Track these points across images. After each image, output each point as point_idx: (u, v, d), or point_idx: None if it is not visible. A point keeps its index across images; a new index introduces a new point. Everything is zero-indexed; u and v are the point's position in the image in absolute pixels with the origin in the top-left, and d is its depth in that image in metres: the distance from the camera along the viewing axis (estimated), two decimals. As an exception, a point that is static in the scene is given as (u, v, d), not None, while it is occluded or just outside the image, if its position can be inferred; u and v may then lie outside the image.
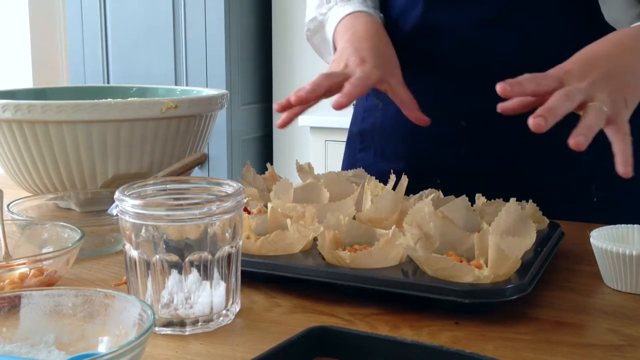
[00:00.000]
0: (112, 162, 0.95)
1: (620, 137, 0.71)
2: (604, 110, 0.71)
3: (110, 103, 0.93)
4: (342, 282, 0.69)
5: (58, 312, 0.57)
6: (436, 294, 0.65)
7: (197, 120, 0.99)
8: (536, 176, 0.85)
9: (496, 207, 0.83)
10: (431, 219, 0.72)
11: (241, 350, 0.60)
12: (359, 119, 1.13)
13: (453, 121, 0.99)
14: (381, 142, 1.08)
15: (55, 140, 0.93)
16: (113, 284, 0.75)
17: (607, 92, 0.73)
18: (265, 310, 0.69)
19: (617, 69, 0.77)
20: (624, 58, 0.79)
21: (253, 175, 1.01)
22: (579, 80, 0.74)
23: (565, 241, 0.86)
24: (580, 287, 0.74)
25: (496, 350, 0.60)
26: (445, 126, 0.99)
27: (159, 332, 0.63)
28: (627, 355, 0.59)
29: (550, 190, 0.87)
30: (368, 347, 0.57)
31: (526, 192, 0.86)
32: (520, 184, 0.84)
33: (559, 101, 0.70)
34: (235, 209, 0.64)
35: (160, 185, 0.68)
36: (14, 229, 0.82)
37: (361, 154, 1.12)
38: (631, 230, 0.77)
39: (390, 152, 1.07)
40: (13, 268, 0.70)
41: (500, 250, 0.65)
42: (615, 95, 0.74)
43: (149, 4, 2.85)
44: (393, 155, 1.06)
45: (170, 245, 0.62)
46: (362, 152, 1.12)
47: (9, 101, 0.92)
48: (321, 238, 0.73)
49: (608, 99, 0.73)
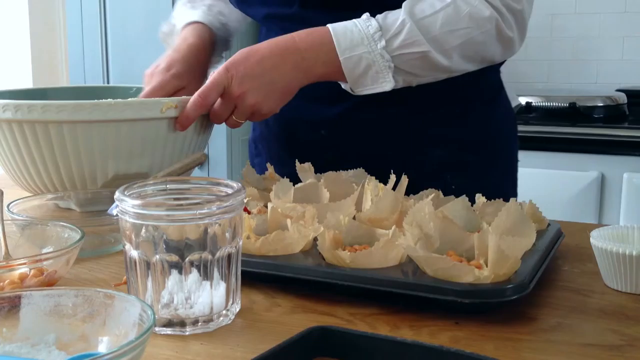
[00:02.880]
0: (112, 162, 0.95)
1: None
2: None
3: (110, 103, 0.93)
4: (342, 282, 0.69)
5: (58, 312, 0.57)
6: (436, 294, 0.65)
7: (197, 121, 0.99)
8: (396, 171, 0.92)
9: (496, 207, 0.83)
10: (431, 219, 0.72)
11: (241, 350, 0.60)
12: (252, 128, 1.26)
13: (315, 130, 1.10)
14: (269, 148, 1.20)
15: (55, 140, 0.92)
16: (113, 284, 0.74)
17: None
18: (265, 310, 0.69)
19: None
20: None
21: (253, 175, 1.01)
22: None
23: (565, 241, 0.86)
24: (580, 287, 0.74)
25: (496, 350, 0.60)
26: (310, 134, 1.11)
27: (159, 332, 0.63)
28: (627, 355, 0.59)
29: (410, 183, 0.92)
30: (368, 347, 0.57)
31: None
32: (385, 180, 0.91)
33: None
34: (235, 209, 0.64)
35: (160, 185, 0.68)
36: (14, 229, 0.82)
37: (257, 159, 1.23)
38: (631, 231, 0.77)
39: (277, 158, 1.16)
40: (13, 268, 0.70)
41: (500, 250, 0.65)
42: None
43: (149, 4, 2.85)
44: (279, 160, 1.14)
45: (170, 245, 0.62)
46: (258, 157, 1.23)
47: (9, 101, 0.92)
48: (321, 238, 0.73)
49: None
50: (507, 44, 0.99)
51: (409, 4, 0.94)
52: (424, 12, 0.94)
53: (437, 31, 0.94)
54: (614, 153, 2.20)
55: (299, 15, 1.04)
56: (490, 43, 0.97)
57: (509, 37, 0.98)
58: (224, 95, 0.94)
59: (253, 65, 0.93)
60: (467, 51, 0.96)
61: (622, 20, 2.65)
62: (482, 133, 1.11)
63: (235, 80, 0.93)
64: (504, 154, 1.16)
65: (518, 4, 0.97)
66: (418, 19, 0.93)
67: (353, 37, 0.93)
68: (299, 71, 0.95)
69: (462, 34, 0.94)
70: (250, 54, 0.94)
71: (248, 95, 0.94)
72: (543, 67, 2.75)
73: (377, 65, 0.94)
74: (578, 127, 2.25)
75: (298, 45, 0.95)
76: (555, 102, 2.35)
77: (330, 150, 1.10)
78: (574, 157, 2.24)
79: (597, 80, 2.70)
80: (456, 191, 0.89)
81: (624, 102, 2.39)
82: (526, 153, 1.36)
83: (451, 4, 0.94)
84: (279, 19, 1.07)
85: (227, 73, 0.93)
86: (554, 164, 2.25)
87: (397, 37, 0.93)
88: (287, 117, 1.13)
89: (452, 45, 0.95)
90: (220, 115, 0.96)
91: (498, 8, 0.95)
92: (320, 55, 0.95)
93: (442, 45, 0.94)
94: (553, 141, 2.26)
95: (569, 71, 2.73)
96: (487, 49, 0.98)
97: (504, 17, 0.96)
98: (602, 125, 2.25)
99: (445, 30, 0.94)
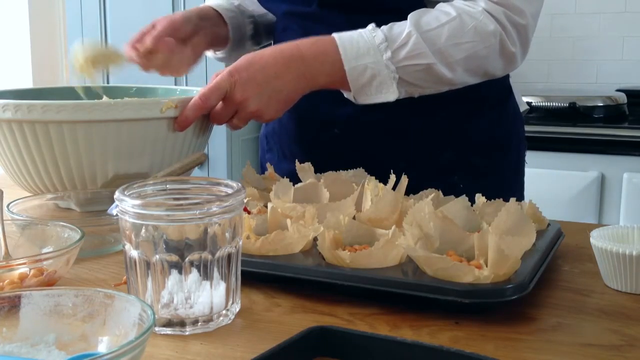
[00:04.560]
0: (112, 162, 0.95)
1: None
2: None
3: (110, 103, 0.93)
4: (342, 282, 0.69)
5: (58, 312, 0.57)
6: (436, 294, 0.65)
7: (197, 120, 0.99)
8: (405, 171, 0.92)
9: (496, 207, 0.83)
10: (431, 219, 0.72)
11: (241, 350, 0.60)
12: (264, 124, 1.26)
13: (327, 129, 1.11)
14: (281, 144, 1.20)
15: (55, 140, 0.92)
16: (113, 284, 0.74)
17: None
18: (265, 310, 0.68)
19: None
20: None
21: (253, 175, 1.01)
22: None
23: (565, 241, 0.86)
24: (580, 287, 0.74)
25: (496, 350, 0.60)
26: (323, 133, 1.12)
27: (159, 332, 0.63)
28: (627, 355, 0.59)
29: (416, 183, 0.93)
30: (368, 347, 0.57)
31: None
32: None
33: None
34: (235, 209, 0.64)
35: (160, 185, 0.68)
36: (14, 229, 0.82)
37: (268, 155, 1.23)
38: (631, 230, 0.77)
39: (289, 153, 1.17)
40: (13, 268, 0.70)
41: (500, 250, 0.65)
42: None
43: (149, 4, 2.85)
44: (291, 155, 1.14)
45: (170, 245, 0.62)
46: (269, 152, 1.24)
47: (9, 101, 0.92)
48: (321, 238, 0.73)
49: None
50: (509, 58, 0.99)
51: (415, 16, 0.95)
52: (429, 24, 0.94)
53: (442, 44, 0.94)
54: (614, 153, 2.20)
55: (317, 14, 1.05)
56: (493, 58, 0.98)
57: (511, 52, 0.98)
58: (226, 99, 0.95)
59: (256, 71, 0.94)
60: (470, 65, 0.97)
61: (622, 20, 2.65)
62: (490, 136, 1.11)
63: (239, 86, 0.93)
64: (511, 157, 1.16)
65: (522, 19, 0.97)
66: (424, 31, 0.94)
67: (359, 47, 0.94)
68: (302, 80, 0.96)
69: (466, 47, 0.95)
70: (255, 60, 0.94)
71: (250, 102, 0.94)
72: (543, 67, 2.75)
73: (382, 76, 0.94)
74: (578, 127, 2.26)
75: (303, 54, 0.95)
76: (555, 102, 2.35)
77: (341, 149, 1.10)
78: (574, 157, 2.24)
79: (597, 80, 2.70)
80: (464, 193, 0.90)
81: (624, 102, 2.39)
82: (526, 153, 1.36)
83: (457, 17, 0.95)
84: (298, 17, 1.08)
85: (231, 78, 0.93)
86: (554, 164, 2.25)
87: (403, 48, 0.94)
88: (300, 115, 1.13)
89: (457, 58, 0.95)
90: (221, 118, 0.97)
91: (502, 23, 0.96)
92: (325, 65, 0.95)
93: (447, 58, 0.95)
94: (553, 141, 2.26)
95: (569, 71, 2.73)
96: (489, 63, 0.99)
97: (507, 32, 0.97)
98: (602, 125, 2.25)
99: (450, 44, 0.94)
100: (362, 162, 1.00)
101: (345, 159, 1.02)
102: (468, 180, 1.08)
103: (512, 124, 1.16)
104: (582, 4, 2.69)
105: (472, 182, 1.07)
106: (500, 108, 1.13)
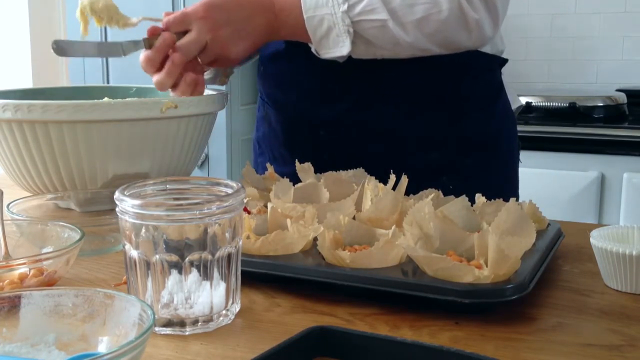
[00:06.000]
0: (112, 162, 0.95)
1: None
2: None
3: (110, 103, 0.93)
4: (342, 282, 0.69)
5: (58, 312, 0.57)
6: (436, 294, 0.65)
7: (197, 120, 0.99)
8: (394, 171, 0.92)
9: (496, 207, 0.83)
10: (431, 219, 0.72)
11: (241, 350, 0.60)
12: (255, 128, 1.29)
13: (314, 131, 1.12)
14: (272, 148, 1.22)
15: (55, 140, 0.93)
16: (113, 284, 0.75)
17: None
18: (265, 310, 0.68)
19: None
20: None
21: (253, 175, 1.01)
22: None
23: (565, 241, 0.86)
24: (580, 287, 0.74)
25: (496, 350, 0.60)
26: (310, 135, 1.13)
27: (159, 332, 0.63)
28: (627, 355, 0.59)
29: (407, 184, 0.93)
30: (368, 347, 0.57)
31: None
32: (383, 181, 0.91)
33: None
34: (235, 209, 0.64)
35: (160, 185, 0.68)
36: (14, 229, 0.82)
37: (260, 158, 1.25)
38: (631, 230, 0.77)
39: (279, 157, 1.20)
40: (13, 268, 0.70)
41: (500, 250, 0.65)
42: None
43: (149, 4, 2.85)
44: (282, 159, 1.18)
45: (170, 245, 0.62)
46: (261, 156, 1.25)
47: (9, 101, 0.92)
48: (321, 238, 0.73)
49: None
50: (474, 26, 0.99)
51: None
52: None
53: (397, 3, 0.96)
54: (614, 153, 2.20)
55: None
56: (454, 24, 0.98)
57: (474, 19, 0.98)
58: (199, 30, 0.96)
59: (232, 9, 0.96)
60: (426, 28, 0.98)
61: (622, 20, 2.65)
62: (480, 134, 1.11)
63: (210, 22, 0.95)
64: (503, 156, 1.16)
65: None
66: None
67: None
68: (269, 28, 0.99)
69: (420, 9, 0.97)
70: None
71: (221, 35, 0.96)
72: (543, 67, 2.75)
73: (338, 28, 0.97)
74: (578, 127, 2.26)
75: (274, 5, 0.99)
76: (555, 102, 2.35)
77: (329, 151, 1.11)
78: (574, 157, 2.24)
79: (597, 80, 2.71)
80: (453, 193, 0.90)
81: (624, 102, 2.39)
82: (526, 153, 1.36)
83: None
84: None
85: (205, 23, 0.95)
86: (554, 164, 2.25)
87: (359, 3, 0.97)
88: (288, 117, 1.13)
89: (410, 19, 0.97)
90: (189, 48, 0.96)
91: None
92: (290, 17, 0.99)
93: (400, 18, 0.97)
94: (553, 141, 2.26)
95: (569, 71, 2.73)
96: (449, 30, 0.99)
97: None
98: (602, 125, 2.25)
99: (405, 4, 0.97)
100: (349, 164, 1.00)
101: (333, 161, 1.03)
102: (458, 180, 1.08)
103: (502, 123, 1.15)
104: (582, 4, 2.69)
105: (461, 182, 1.07)
106: (489, 106, 1.13)
